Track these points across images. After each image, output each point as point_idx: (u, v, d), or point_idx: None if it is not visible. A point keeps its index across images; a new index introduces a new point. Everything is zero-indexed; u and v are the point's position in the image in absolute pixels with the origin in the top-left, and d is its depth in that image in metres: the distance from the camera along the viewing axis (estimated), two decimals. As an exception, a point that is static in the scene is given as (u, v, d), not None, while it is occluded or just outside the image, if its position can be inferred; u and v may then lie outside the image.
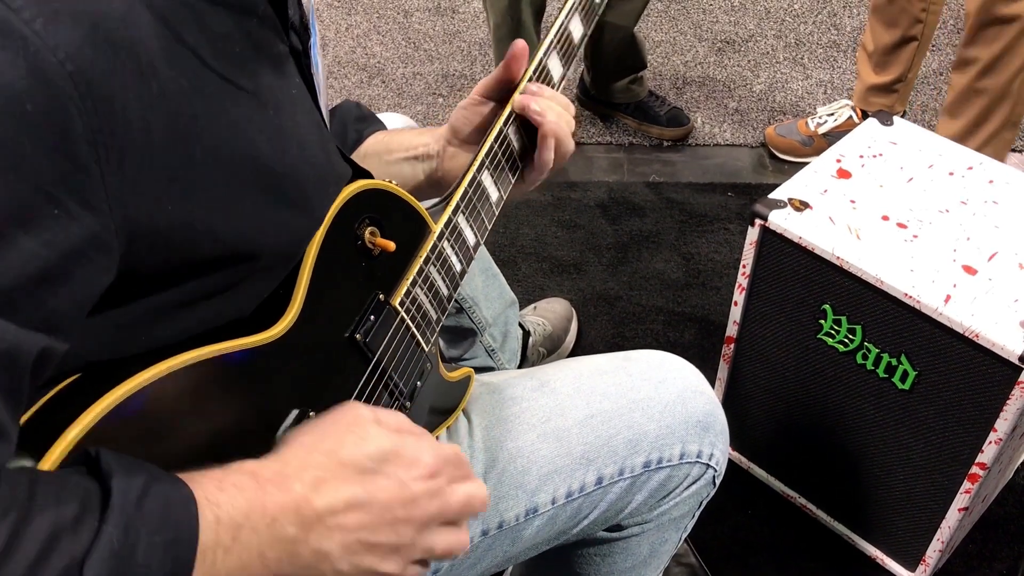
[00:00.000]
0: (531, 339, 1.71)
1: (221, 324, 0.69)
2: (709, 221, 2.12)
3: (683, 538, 1.09)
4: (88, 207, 0.54)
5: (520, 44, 0.93)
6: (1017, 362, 1.13)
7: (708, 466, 1.00)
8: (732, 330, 1.47)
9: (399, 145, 1.01)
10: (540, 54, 0.96)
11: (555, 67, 0.98)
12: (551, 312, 1.82)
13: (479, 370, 1.57)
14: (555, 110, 0.93)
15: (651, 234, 2.10)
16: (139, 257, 0.59)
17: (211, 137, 0.61)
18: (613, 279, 1.99)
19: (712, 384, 1.55)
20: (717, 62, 2.61)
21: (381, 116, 1.35)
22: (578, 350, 1.84)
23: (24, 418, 0.57)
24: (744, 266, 1.38)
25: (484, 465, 0.94)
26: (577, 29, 1.00)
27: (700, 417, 0.99)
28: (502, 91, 0.96)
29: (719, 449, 1.01)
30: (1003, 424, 1.19)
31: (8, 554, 0.48)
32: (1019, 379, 1.14)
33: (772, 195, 1.33)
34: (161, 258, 0.61)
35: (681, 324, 1.89)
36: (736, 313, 1.44)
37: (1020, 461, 1.61)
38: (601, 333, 1.88)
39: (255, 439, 0.68)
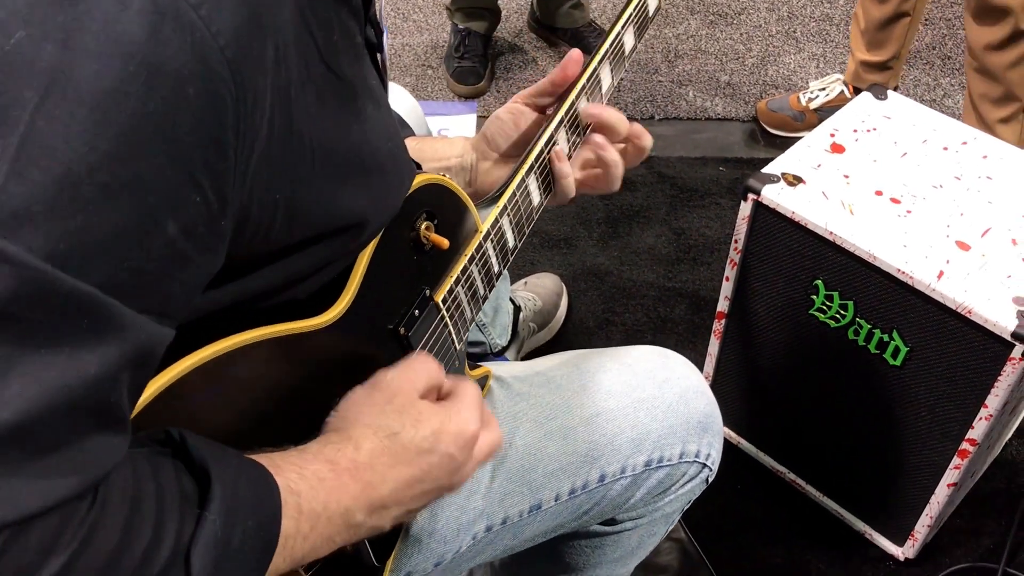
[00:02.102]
0: (521, 314, 1.70)
1: (274, 306, 0.69)
2: (700, 196, 2.11)
3: (669, 529, 1.10)
4: (220, 195, 0.53)
5: (576, 52, 0.93)
6: (1009, 338, 1.13)
7: (704, 465, 1.01)
8: (723, 305, 1.46)
9: (431, 155, 0.99)
10: (595, 63, 0.95)
11: (605, 77, 0.98)
12: (541, 287, 1.81)
13: (471, 344, 1.56)
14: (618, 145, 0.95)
15: (642, 209, 2.08)
16: (240, 243, 0.58)
17: (318, 127, 0.61)
18: (604, 254, 1.98)
19: (703, 360, 1.55)
20: (709, 35, 2.59)
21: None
22: (568, 325, 1.84)
23: None
24: (736, 241, 1.37)
25: (492, 462, 0.94)
26: (629, 41, 1.01)
27: (700, 418, 1.00)
28: (549, 97, 0.95)
29: (715, 449, 1.02)
30: (994, 400, 1.19)
31: (122, 547, 0.49)
32: (1011, 355, 1.14)
33: (765, 169, 1.32)
34: (258, 244, 0.60)
35: (672, 299, 1.89)
36: (727, 288, 1.43)
37: (1009, 436, 1.62)
38: (591, 308, 1.87)
39: (297, 422, 0.69)
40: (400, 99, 1.31)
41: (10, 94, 0.44)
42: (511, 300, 1.68)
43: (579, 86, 0.93)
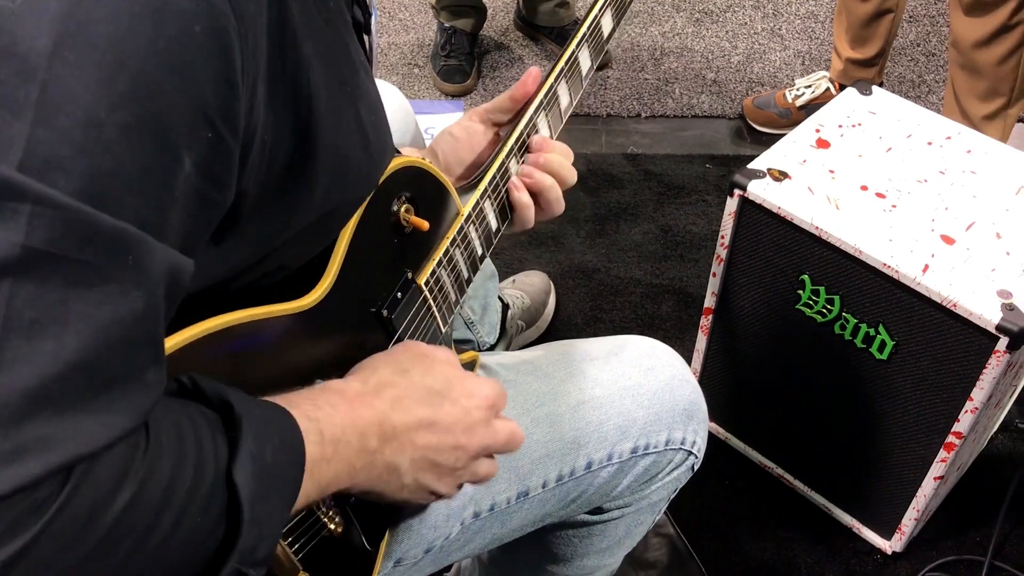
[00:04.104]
0: (510, 312, 1.70)
1: (255, 288, 0.70)
2: (687, 193, 2.12)
3: (656, 519, 1.10)
4: (234, 131, 0.55)
5: (535, 71, 0.93)
6: (994, 331, 1.13)
7: (690, 453, 1.02)
8: (710, 301, 1.46)
9: None
10: (551, 80, 0.95)
11: (563, 95, 0.98)
12: (529, 285, 1.81)
13: (459, 342, 1.56)
14: (553, 173, 0.94)
15: (629, 206, 2.09)
16: (250, 177, 0.60)
17: (315, 76, 0.62)
18: (591, 251, 1.98)
19: (690, 355, 1.55)
20: (695, 33, 2.59)
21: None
22: (556, 323, 1.84)
23: None
24: (723, 237, 1.37)
25: None
26: (585, 61, 0.99)
27: (685, 405, 1.00)
28: (508, 114, 0.95)
29: (700, 437, 1.03)
30: (979, 393, 1.20)
31: (176, 476, 0.52)
32: (996, 348, 1.15)
33: (751, 165, 1.33)
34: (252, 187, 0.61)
35: (659, 296, 1.89)
36: (714, 284, 1.43)
37: (994, 430, 1.63)
38: (579, 306, 1.87)
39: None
40: (390, 97, 1.31)
41: (25, 43, 0.46)
42: (499, 298, 1.68)
43: (535, 104, 0.93)
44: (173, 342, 0.59)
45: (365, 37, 0.77)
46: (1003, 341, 1.13)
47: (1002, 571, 1.46)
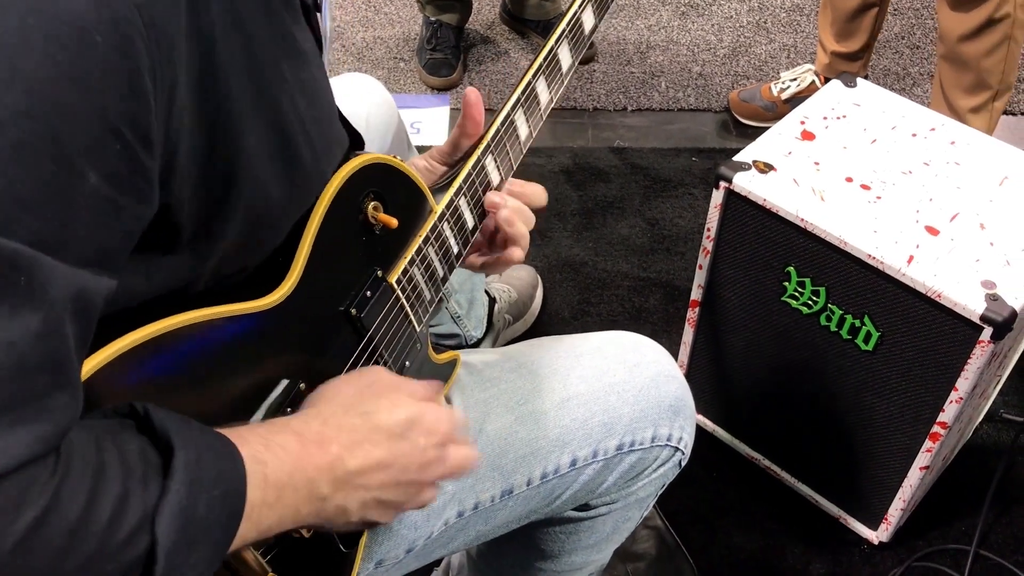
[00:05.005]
0: (496, 306, 1.70)
1: (219, 288, 0.69)
2: (674, 186, 2.12)
3: (643, 515, 1.10)
4: (143, 139, 0.53)
5: (472, 94, 0.87)
6: (978, 321, 1.14)
7: (677, 449, 1.02)
8: (697, 294, 1.46)
9: None
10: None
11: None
12: (516, 279, 1.81)
13: (446, 336, 1.56)
14: (522, 217, 0.90)
15: (616, 200, 2.09)
16: (171, 187, 0.58)
17: (239, 80, 0.60)
18: (578, 245, 1.98)
19: (677, 348, 1.55)
20: (681, 26, 2.60)
21: (347, 76, 1.32)
22: (543, 316, 1.84)
23: None
24: (709, 229, 1.37)
25: None
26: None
27: (671, 402, 1.00)
28: (463, 150, 0.90)
29: (687, 433, 1.02)
30: (964, 383, 1.20)
31: (88, 514, 0.50)
32: (980, 338, 1.15)
33: (736, 157, 1.33)
34: (181, 198, 0.60)
35: (646, 289, 1.89)
36: (701, 277, 1.44)
37: (979, 420, 1.64)
38: (567, 299, 1.88)
39: (243, 405, 0.68)
40: (373, 91, 1.30)
41: None
42: (486, 292, 1.68)
43: (512, 101, 0.90)
44: (116, 348, 0.58)
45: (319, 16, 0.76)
46: (987, 331, 1.14)
47: (987, 560, 1.47)
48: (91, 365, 0.57)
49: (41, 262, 0.48)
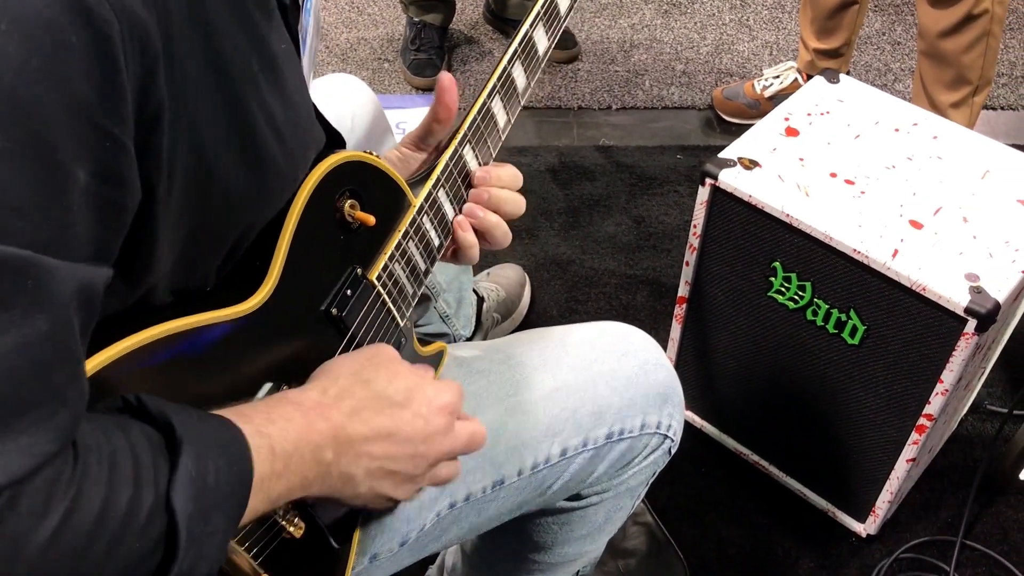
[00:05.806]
0: (485, 305, 1.70)
1: (196, 295, 0.69)
2: (659, 184, 2.13)
3: (635, 504, 1.11)
4: (127, 135, 0.54)
5: (447, 78, 0.85)
6: (962, 314, 1.15)
7: (666, 437, 1.02)
8: (684, 290, 1.47)
9: None
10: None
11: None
12: (504, 278, 1.81)
13: (435, 335, 1.56)
14: (498, 210, 0.89)
15: (602, 198, 2.09)
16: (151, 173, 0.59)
17: (198, 68, 0.60)
18: (565, 243, 1.99)
19: (665, 345, 1.56)
20: (664, 24, 2.61)
21: (330, 77, 1.32)
22: (532, 315, 1.84)
23: None
24: (695, 226, 1.38)
25: None
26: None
27: (660, 389, 1.00)
28: (437, 136, 0.89)
29: (676, 420, 1.03)
30: (949, 375, 1.22)
31: (108, 500, 0.51)
32: (964, 331, 1.16)
33: (722, 154, 1.33)
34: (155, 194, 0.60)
35: (633, 286, 1.90)
36: (688, 273, 1.44)
37: (964, 412, 1.65)
38: (554, 297, 1.88)
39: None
40: (358, 92, 1.30)
41: None
42: (474, 291, 1.68)
43: (488, 88, 0.89)
44: (108, 355, 0.58)
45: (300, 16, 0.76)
46: (971, 323, 1.15)
47: (973, 550, 1.48)
48: None
49: (45, 263, 0.49)
